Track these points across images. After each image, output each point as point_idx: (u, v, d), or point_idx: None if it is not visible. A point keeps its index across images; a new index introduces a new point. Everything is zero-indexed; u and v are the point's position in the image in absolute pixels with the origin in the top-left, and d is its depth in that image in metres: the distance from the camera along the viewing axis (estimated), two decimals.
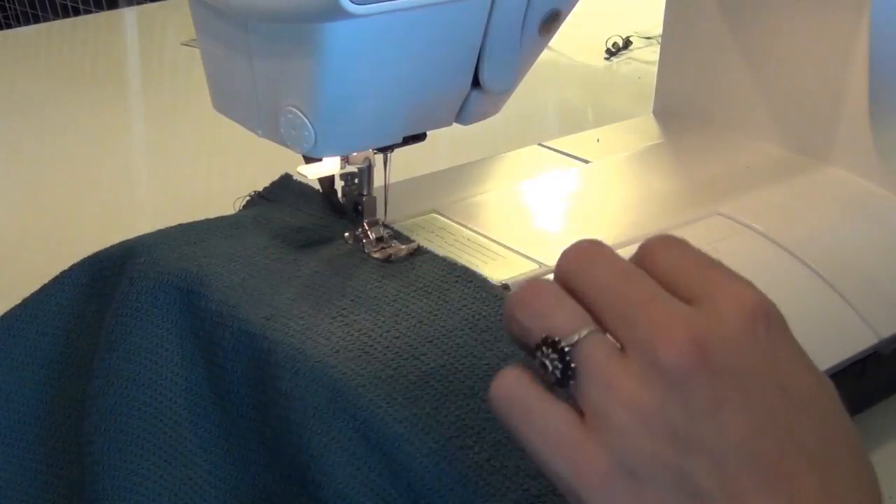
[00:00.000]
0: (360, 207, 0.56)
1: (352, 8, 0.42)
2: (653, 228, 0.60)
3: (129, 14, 1.51)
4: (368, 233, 0.56)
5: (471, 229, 0.59)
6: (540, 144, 0.74)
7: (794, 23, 0.69)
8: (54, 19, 2.02)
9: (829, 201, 0.66)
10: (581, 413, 0.32)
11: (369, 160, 0.55)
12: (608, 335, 0.33)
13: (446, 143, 0.85)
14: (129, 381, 0.48)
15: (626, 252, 0.57)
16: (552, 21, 0.52)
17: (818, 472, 0.31)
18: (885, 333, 0.58)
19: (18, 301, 0.55)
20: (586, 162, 0.71)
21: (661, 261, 0.35)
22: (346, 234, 0.56)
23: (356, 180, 0.56)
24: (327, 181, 0.57)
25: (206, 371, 0.48)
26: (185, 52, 1.22)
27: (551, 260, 0.56)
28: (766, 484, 0.30)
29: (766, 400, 0.31)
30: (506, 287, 0.53)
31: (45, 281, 0.55)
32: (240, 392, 0.47)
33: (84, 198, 0.85)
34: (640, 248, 0.36)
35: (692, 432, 0.31)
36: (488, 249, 0.57)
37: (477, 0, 0.48)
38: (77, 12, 2.07)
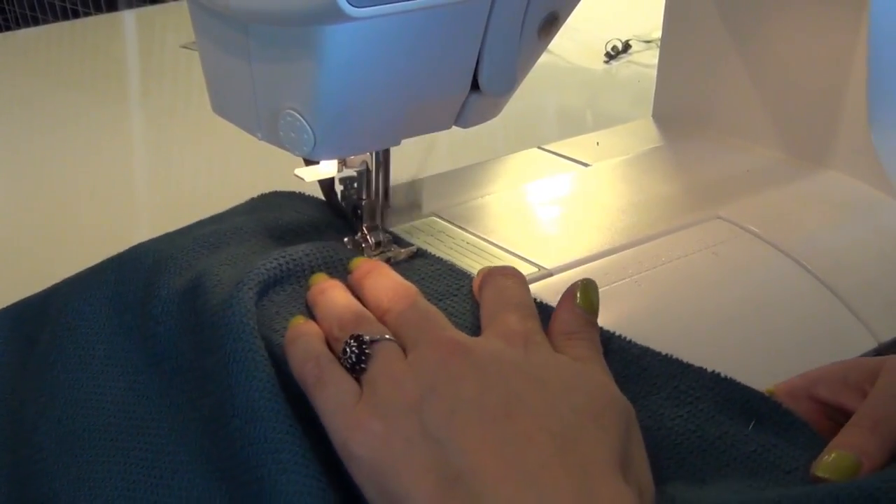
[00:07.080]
0: (359, 212, 0.56)
1: (351, 11, 0.42)
2: (652, 231, 0.60)
3: (128, 16, 1.51)
4: (368, 237, 0.56)
5: (470, 232, 0.59)
6: (539, 147, 0.74)
7: (793, 26, 0.69)
8: (54, 22, 2.02)
9: (829, 205, 0.66)
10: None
11: (367, 163, 0.55)
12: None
13: (445, 146, 0.85)
14: (71, 388, 0.49)
15: (627, 253, 0.58)
16: (551, 24, 0.52)
17: (554, 438, 0.37)
18: (885, 337, 0.58)
19: (19, 299, 0.56)
20: (586, 165, 0.71)
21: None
22: (346, 239, 0.56)
23: (356, 185, 0.56)
24: (327, 183, 0.57)
25: (141, 349, 0.50)
26: (184, 55, 1.22)
27: (550, 263, 0.56)
28: (488, 426, 0.38)
29: (504, 378, 0.40)
30: None
31: (46, 281, 0.56)
32: (178, 346, 0.49)
33: (83, 200, 0.85)
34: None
35: (435, 390, 0.40)
36: (488, 253, 0.57)
37: (476, 3, 0.48)
38: (76, 15, 2.06)
